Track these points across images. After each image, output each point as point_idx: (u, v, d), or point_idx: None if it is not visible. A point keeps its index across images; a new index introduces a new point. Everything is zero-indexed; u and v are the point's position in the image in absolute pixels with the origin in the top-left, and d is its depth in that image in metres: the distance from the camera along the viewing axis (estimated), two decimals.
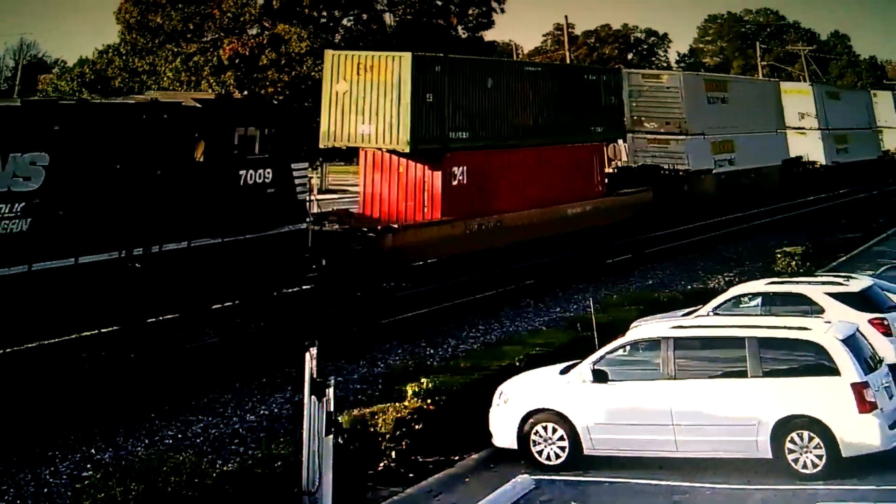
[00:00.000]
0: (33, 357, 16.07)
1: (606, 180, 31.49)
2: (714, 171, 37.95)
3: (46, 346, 16.59)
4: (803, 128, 52.58)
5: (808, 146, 51.05)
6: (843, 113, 58.00)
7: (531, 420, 11.15)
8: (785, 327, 11.10)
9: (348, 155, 44.05)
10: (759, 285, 15.67)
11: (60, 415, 13.04)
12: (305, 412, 8.72)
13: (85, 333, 17.40)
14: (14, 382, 14.49)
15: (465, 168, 24.80)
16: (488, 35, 44.10)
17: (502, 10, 42.57)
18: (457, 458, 11.51)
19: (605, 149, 32.87)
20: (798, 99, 53.16)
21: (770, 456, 10.44)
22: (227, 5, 36.51)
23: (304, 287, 20.16)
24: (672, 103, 36.85)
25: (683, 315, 15.04)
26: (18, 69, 62.45)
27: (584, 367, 11.19)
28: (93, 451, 12.24)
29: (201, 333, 17.54)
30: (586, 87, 29.75)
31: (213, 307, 18.10)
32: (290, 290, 19.80)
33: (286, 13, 38.08)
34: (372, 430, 11.00)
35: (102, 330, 17.73)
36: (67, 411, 13.16)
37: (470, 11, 41.98)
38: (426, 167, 24.09)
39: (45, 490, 11.04)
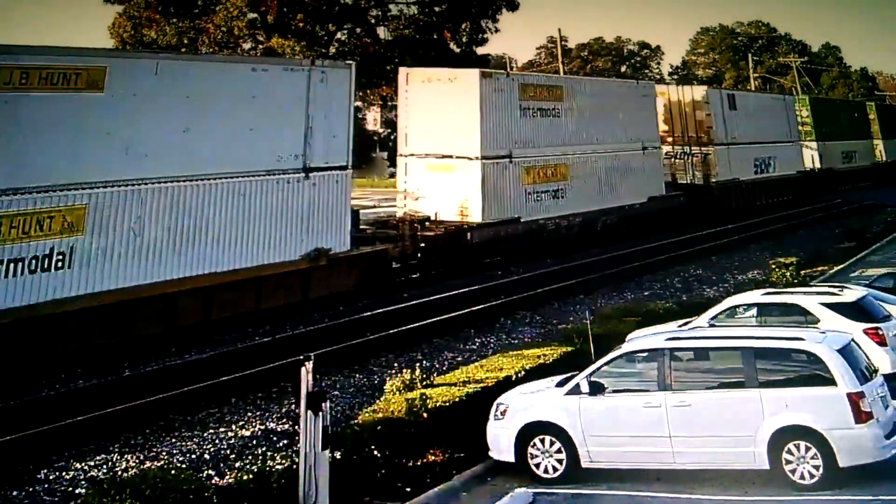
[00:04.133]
0: (27, 371, 16.00)
1: None
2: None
3: (40, 360, 16.53)
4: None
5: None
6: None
7: (529, 433, 11.12)
8: (781, 338, 11.10)
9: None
10: (755, 296, 15.70)
11: (54, 430, 12.95)
12: (302, 426, 8.69)
13: (79, 347, 17.35)
14: (8, 397, 14.42)
15: None
16: (482, 49, 44.27)
17: (496, 30, 42.80)
18: (454, 471, 11.47)
19: None
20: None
21: (767, 467, 10.43)
22: (219, 19, 36.57)
23: None
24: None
25: (679, 326, 15.05)
26: None
27: (581, 380, 11.18)
28: (87, 466, 12.16)
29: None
30: None
31: None
32: None
33: (280, 27, 38.17)
34: (368, 443, 10.96)
35: (95, 343, 17.68)
36: (61, 427, 13.08)
37: (463, 26, 42.12)
38: None
39: None
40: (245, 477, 9.70)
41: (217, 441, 13.17)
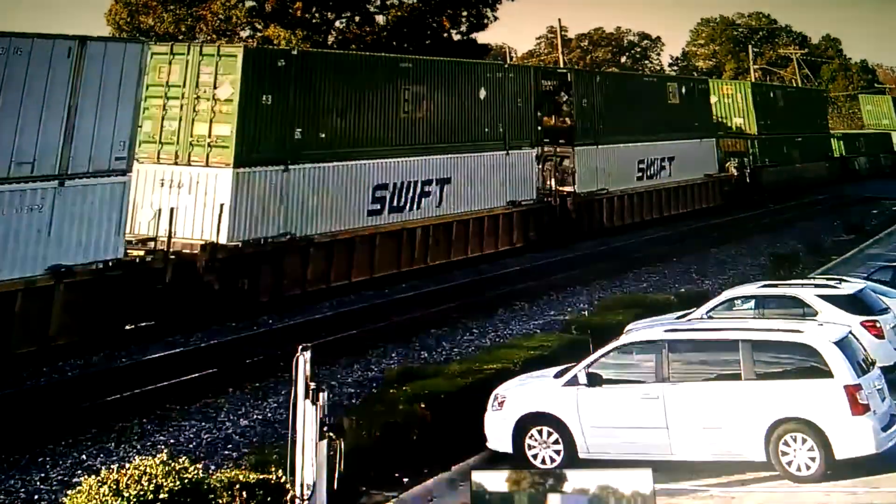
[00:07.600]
0: (25, 363, 16.00)
1: None
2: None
3: (37, 351, 16.53)
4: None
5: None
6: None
7: (526, 424, 11.13)
8: (778, 330, 11.11)
9: None
10: (753, 288, 15.70)
11: (51, 420, 12.94)
12: (299, 417, 8.68)
13: (76, 339, 17.37)
14: (5, 387, 14.42)
15: None
16: (481, 37, 44.14)
17: (495, 18, 42.66)
18: (452, 462, 11.47)
19: None
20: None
21: (764, 458, 10.44)
22: (217, 7, 36.44)
23: None
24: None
25: (677, 318, 15.05)
26: None
27: (579, 371, 11.18)
28: (84, 456, 12.16)
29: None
30: None
31: None
32: None
33: (278, 15, 38.03)
34: (366, 434, 10.96)
35: (95, 334, 17.68)
36: (58, 416, 13.07)
37: (462, 13, 41.98)
38: None
39: (36, 497, 10.95)
40: (243, 466, 9.69)
41: (214, 431, 13.17)
